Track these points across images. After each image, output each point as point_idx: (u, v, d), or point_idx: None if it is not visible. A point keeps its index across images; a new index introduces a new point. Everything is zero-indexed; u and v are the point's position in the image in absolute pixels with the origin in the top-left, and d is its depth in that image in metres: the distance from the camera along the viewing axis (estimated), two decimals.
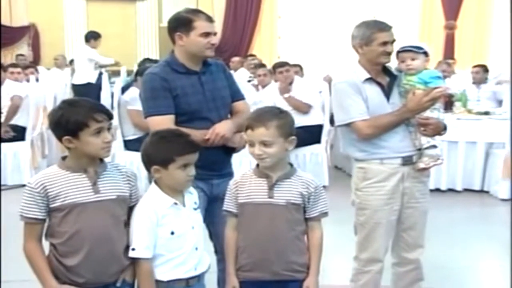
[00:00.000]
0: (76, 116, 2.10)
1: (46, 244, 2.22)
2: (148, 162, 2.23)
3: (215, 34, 2.88)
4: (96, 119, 2.11)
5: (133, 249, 2.17)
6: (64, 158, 2.21)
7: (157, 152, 2.20)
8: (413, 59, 2.86)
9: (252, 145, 2.31)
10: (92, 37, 9.62)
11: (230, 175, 2.92)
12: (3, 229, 4.26)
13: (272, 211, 2.30)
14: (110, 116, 2.19)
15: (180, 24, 2.81)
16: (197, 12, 2.88)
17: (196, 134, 2.59)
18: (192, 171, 2.23)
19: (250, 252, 2.33)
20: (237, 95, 3.02)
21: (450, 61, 10.38)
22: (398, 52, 2.90)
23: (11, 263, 4.00)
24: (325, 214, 2.39)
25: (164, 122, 2.71)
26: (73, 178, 2.14)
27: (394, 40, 2.86)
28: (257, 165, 2.40)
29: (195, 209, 2.30)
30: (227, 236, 2.40)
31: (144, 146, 2.26)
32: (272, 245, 2.30)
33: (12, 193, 6.34)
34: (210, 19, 2.86)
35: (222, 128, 2.78)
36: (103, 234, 2.14)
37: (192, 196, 2.31)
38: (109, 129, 2.18)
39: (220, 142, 2.77)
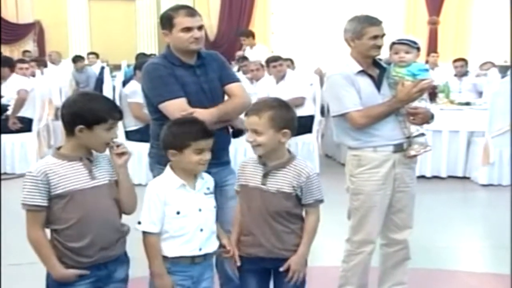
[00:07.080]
0: (98, 110, 2.12)
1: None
2: (164, 147, 2.26)
3: (199, 28, 2.75)
4: (114, 117, 2.15)
5: (139, 223, 2.22)
6: (58, 148, 2.21)
7: (174, 138, 2.23)
8: (407, 52, 2.84)
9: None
10: None
11: (228, 163, 2.89)
12: (11, 215, 4.23)
13: (263, 196, 2.31)
14: (121, 117, 2.24)
15: (164, 22, 2.78)
16: (177, 8, 2.78)
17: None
18: (206, 156, 2.24)
19: (248, 230, 2.36)
20: (230, 78, 2.89)
21: (434, 54, 10.43)
22: (394, 43, 2.88)
23: (20, 246, 3.99)
24: (320, 201, 2.37)
25: (182, 104, 2.67)
26: (70, 166, 2.14)
27: (384, 34, 2.84)
28: None
29: (206, 194, 2.30)
30: (235, 211, 2.44)
31: (162, 132, 2.29)
32: (265, 225, 2.32)
33: (20, 182, 6.30)
34: (191, 14, 2.74)
35: (201, 114, 2.61)
36: (106, 216, 2.17)
37: (205, 182, 2.32)
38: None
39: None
